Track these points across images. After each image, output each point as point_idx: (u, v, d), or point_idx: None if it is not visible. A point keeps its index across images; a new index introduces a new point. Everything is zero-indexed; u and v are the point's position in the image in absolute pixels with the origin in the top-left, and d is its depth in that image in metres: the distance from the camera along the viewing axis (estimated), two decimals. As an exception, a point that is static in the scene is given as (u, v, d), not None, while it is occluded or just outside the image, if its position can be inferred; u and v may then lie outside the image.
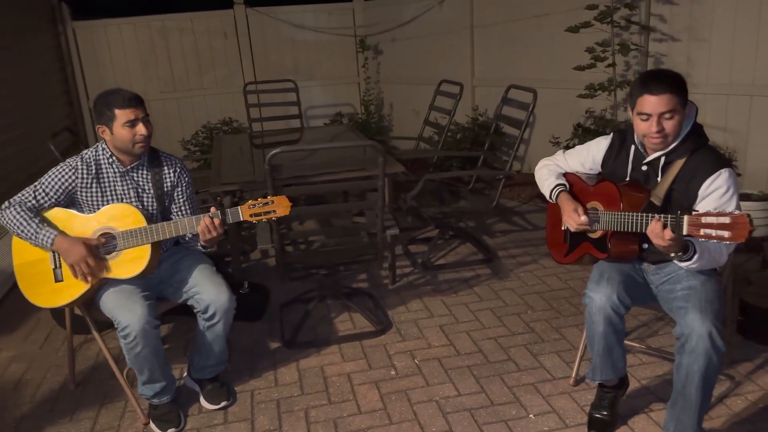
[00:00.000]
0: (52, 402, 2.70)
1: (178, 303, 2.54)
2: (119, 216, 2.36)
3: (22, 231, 2.30)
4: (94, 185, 2.41)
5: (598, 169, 2.33)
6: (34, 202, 2.35)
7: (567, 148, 2.90)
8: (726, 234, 1.69)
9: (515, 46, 5.63)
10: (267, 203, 2.32)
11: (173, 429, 2.44)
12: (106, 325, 2.84)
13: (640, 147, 2.16)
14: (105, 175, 2.42)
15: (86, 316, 2.50)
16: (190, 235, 2.48)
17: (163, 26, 6.83)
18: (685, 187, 2.04)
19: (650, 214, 1.91)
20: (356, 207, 4.03)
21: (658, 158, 2.10)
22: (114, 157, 2.42)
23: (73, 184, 2.39)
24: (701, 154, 2.05)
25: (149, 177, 2.48)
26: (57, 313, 3.24)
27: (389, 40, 7.02)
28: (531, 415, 2.42)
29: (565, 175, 2.40)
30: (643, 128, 2.03)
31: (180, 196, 2.55)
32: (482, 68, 6.07)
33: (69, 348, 2.76)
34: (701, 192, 2.01)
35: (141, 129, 2.34)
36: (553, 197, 2.35)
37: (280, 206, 2.32)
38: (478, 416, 2.43)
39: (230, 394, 2.63)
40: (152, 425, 2.47)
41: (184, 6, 6.96)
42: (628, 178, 2.20)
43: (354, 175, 3.41)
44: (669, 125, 2.00)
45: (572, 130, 4.85)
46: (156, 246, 2.37)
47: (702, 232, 1.74)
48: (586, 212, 2.19)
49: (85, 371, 2.92)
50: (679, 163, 2.06)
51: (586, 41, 4.42)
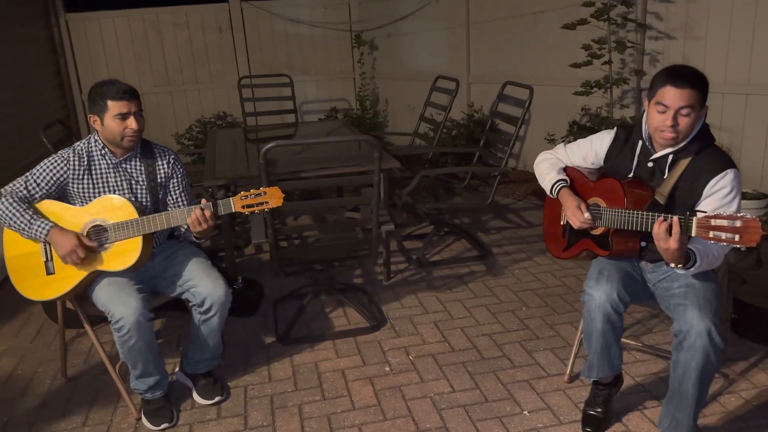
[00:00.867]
0: (43, 396, 2.68)
1: (173, 297, 2.52)
2: (111, 208, 2.34)
3: (15, 222, 2.27)
4: (86, 177, 2.38)
5: (600, 164, 2.31)
6: (25, 192, 2.32)
7: (564, 144, 2.90)
8: (736, 237, 1.67)
9: (511, 43, 5.62)
10: (259, 194, 2.30)
11: (166, 424, 2.42)
12: (99, 319, 2.83)
13: (647, 143, 2.13)
14: (97, 166, 2.40)
15: (78, 310, 2.47)
16: (185, 228, 2.45)
17: (157, 19, 6.79)
18: (690, 185, 2.03)
19: (655, 214, 1.89)
20: (351, 202, 4.01)
21: (666, 156, 2.08)
22: (106, 149, 2.39)
23: (65, 176, 2.36)
24: (708, 153, 2.04)
25: (142, 169, 2.45)
26: (49, 307, 3.21)
27: (385, 36, 7.00)
28: (525, 412, 2.42)
29: (566, 169, 2.37)
30: (658, 121, 2.00)
31: (176, 188, 2.52)
32: (478, 65, 6.06)
33: (61, 342, 2.73)
34: (706, 191, 2.00)
35: (132, 123, 2.32)
36: (554, 193, 2.32)
37: (273, 197, 2.30)
38: (473, 412, 2.43)
39: (224, 389, 2.61)
40: (144, 420, 2.45)
41: (178, -1, 6.92)
42: (631, 175, 2.18)
43: (349, 171, 3.40)
44: (684, 122, 1.97)
45: (568, 127, 4.85)
46: (148, 238, 2.35)
47: (711, 234, 1.72)
48: (588, 209, 2.18)
49: (77, 366, 2.90)
50: (685, 162, 2.05)
51: (583, 38, 4.41)
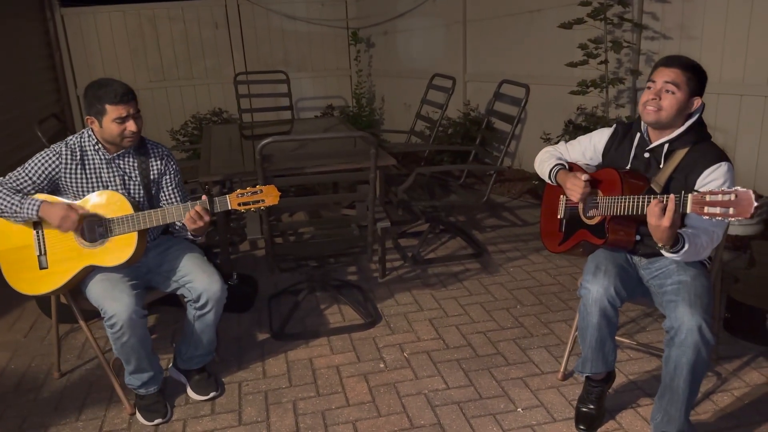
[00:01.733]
0: (36, 391, 2.67)
1: (167, 292, 2.52)
2: (106, 203, 2.33)
3: (6, 206, 2.26)
4: (78, 171, 2.37)
5: (598, 159, 2.35)
6: (15, 185, 2.31)
7: (558, 144, 2.92)
8: (731, 210, 1.69)
9: (508, 42, 5.63)
10: (256, 192, 2.30)
11: (160, 419, 2.41)
12: (93, 314, 2.81)
13: (645, 134, 2.19)
14: (90, 161, 2.38)
15: (72, 305, 2.46)
16: (180, 224, 2.45)
17: (153, 14, 6.77)
18: (685, 177, 2.07)
19: (650, 196, 1.92)
20: (348, 199, 4.01)
21: (661, 145, 2.13)
22: (100, 145, 2.38)
23: (57, 170, 2.35)
24: (703, 146, 2.09)
25: (135, 164, 2.44)
26: (42, 302, 3.20)
27: (381, 33, 6.99)
28: (519, 409, 2.42)
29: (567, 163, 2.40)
30: (645, 96, 2.09)
31: (168, 184, 2.52)
32: (474, 63, 6.06)
33: (55, 337, 2.72)
34: (699, 181, 2.04)
35: (131, 125, 2.31)
36: (553, 177, 2.36)
37: (269, 195, 2.30)
38: (467, 409, 2.43)
39: (218, 384, 2.61)
40: (138, 415, 2.44)
41: (174, -6, 6.90)
42: (628, 167, 2.21)
43: (345, 167, 3.39)
44: (667, 100, 2.04)
45: (563, 126, 4.85)
46: (143, 234, 2.34)
47: (706, 209, 1.74)
48: (585, 176, 2.19)
49: (71, 360, 2.89)
50: (681, 153, 2.09)
51: (579, 38, 4.42)
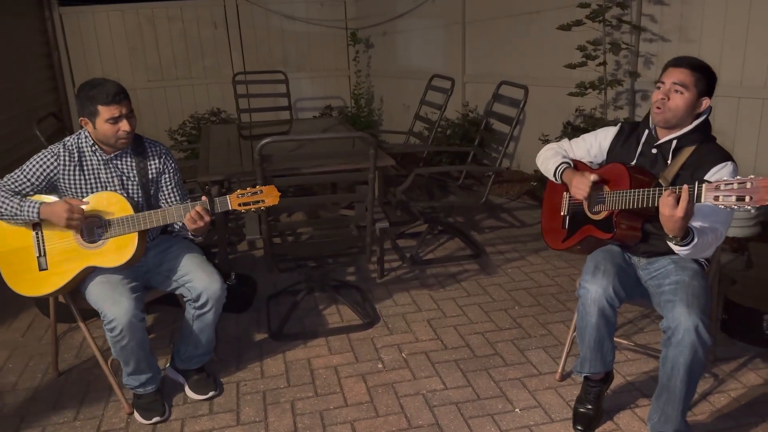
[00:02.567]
0: (34, 390, 2.67)
1: (167, 292, 2.52)
2: (106, 204, 2.33)
3: (6, 209, 2.26)
4: (77, 172, 2.37)
5: (603, 156, 2.37)
6: (14, 187, 2.31)
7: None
8: (748, 197, 1.68)
9: (506, 43, 5.64)
10: (256, 192, 2.30)
11: (158, 418, 2.41)
12: (91, 314, 2.81)
13: (653, 131, 2.20)
14: (88, 162, 2.38)
15: (71, 305, 2.46)
16: (180, 224, 2.45)
17: (151, 14, 6.76)
18: (691, 174, 2.09)
19: (661, 188, 1.93)
20: (347, 199, 4.02)
21: (670, 141, 2.15)
22: (96, 146, 2.38)
23: (55, 171, 2.34)
24: (709, 146, 2.12)
25: (133, 164, 2.44)
26: (40, 301, 3.20)
27: (380, 34, 7.00)
28: (517, 410, 2.43)
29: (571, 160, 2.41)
30: (654, 96, 2.12)
31: (168, 183, 2.51)
32: (473, 64, 6.07)
33: (53, 336, 2.72)
34: (706, 178, 2.05)
35: (124, 125, 2.30)
36: (558, 175, 2.36)
37: (269, 196, 2.31)
38: (465, 410, 2.44)
39: (217, 384, 2.61)
40: (136, 415, 2.44)
41: (173, -7, 6.90)
42: (634, 163, 2.23)
43: (344, 168, 3.40)
44: (675, 99, 2.07)
45: (562, 128, 4.86)
46: (143, 234, 2.35)
47: (721, 198, 1.73)
48: (592, 177, 2.19)
49: (69, 360, 2.89)
50: (688, 150, 2.12)
51: (578, 39, 4.43)
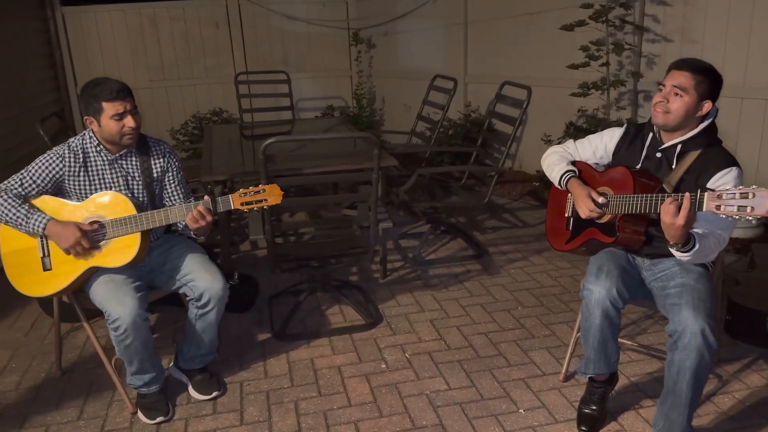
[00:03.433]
0: (37, 390, 2.67)
1: (170, 291, 2.52)
2: (109, 204, 2.32)
3: (11, 217, 2.25)
4: (81, 173, 2.36)
5: (609, 158, 2.35)
6: (20, 189, 2.30)
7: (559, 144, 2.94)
8: (749, 209, 1.68)
9: (509, 43, 5.64)
10: (258, 192, 2.30)
11: (161, 418, 2.41)
12: (95, 313, 2.81)
13: (657, 134, 2.19)
14: (93, 163, 2.38)
15: (75, 305, 2.46)
16: (183, 223, 2.44)
17: (153, 14, 6.76)
18: (695, 179, 2.08)
19: (664, 194, 1.92)
20: (350, 199, 4.02)
21: (674, 146, 2.14)
22: (101, 146, 2.37)
23: (61, 173, 2.34)
24: (715, 150, 2.10)
25: (138, 164, 2.44)
26: (43, 301, 3.20)
27: (382, 34, 7.00)
28: (521, 410, 2.43)
29: (574, 163, 2.40)
30: (654, 98, 2.11)
31: (171, 182, 2.51)
32: (475, 65, 6.07)
33: (56, 335, 2.72)
34: (710, 184, 2.04)
35: (129, 122, 2.30)
36: (563, 183, 2.35)
37: (272, 195, 2.30)
38: (469, 410, 2.43)
39: (220, 384, 2.61)
40: (140, 414, 2.44)
41: (175, -7, 6.90)
42: (639, 166, 2.22)
43: (348, 168, 3.40)
44: (674, 103, 2.05)
45: (564, 128, 4.86)
46: (146, 234, 2.34)
47: (722, 208, 1.74)
48: (599, 195, 2.19)
49: (72, 359, 2.89)
50: (693, 155, 2.10)
51: (580, 40, 4.43)
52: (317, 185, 4.92)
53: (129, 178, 2.43)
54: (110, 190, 2.38)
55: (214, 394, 2.55)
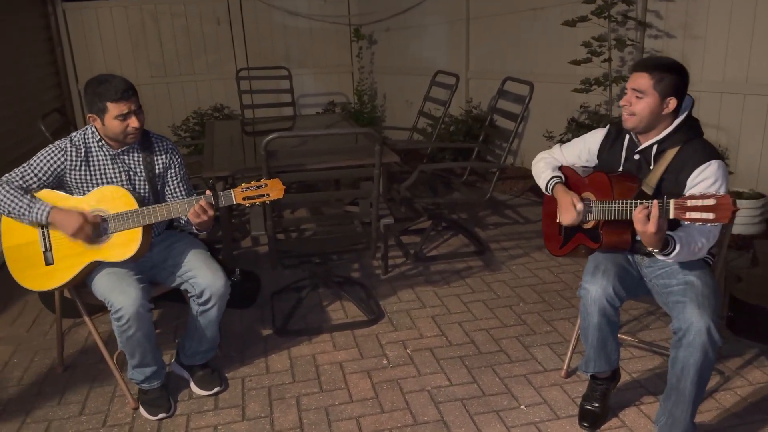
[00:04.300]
0: (39, 385, 2.67)
1: (171, 287, 2.52)
2: (110, 198, 2.32)
3: (14, 207, 2.25)
4: (83, 168, 2.36)
5: (594, 160, 2.34)
6: (21, 182, 2.30)
7: (561, 142, 2.91)
8: (711, 216, 1.70)
9: (511, 39, 5.62)
10: (260, 186, 2.30)
11: (163, 414, 2.41)
12: (96, 309, 2.82)
13: (633, 136, 2.18)
14: (95, 158, 2.38)
15: (76, 300, 2.46)
16: (185, 218, 2.44)
17: (155, 9, 6.74)
18: (675, 177, 2.06)
19: (636, 201, 1.91)
20: (352, 195, 4.02)
21: (650, 146, 2.12)
22: (103, 141, 2.37)
23: (62, 167, 2.34)
24: (693, 145, 2.07)
25: (140, 160, 2.43)
26: (45, 296, 3.20)
27: (383, 30, 6.98)
28: (522, 406, 2.43)
29: (561, 168, 2.41)
30: (621, 102, 2.11)
31: (174, 178, 2.51)
32: (477, 61, 6.05)
33: (58, 331, 2.72)
34: (689, 182, 2.02)
35: (133, 122, 2.29)
36: (549, 189, 2.36)
37: (274, 189, 2.30)
38: (470, 406, 2.43)
39: (222, 380, 2.61)
40: (142, 410, 2.44)
41: (176, -11, 6.87)
42: (620, 169, 2.21)
43: (349, 164, 3.39)
44: (637, 105, 2.05)
45: (566, 124, 4.85)
46: (147, 229, 2.34)
47: (688, 215, 1.75)
48: (581, 201, 2.19)
49: (74, 355, 2.89)
50: (671, 153, 2.08)
51: (582, 35, 4.42)
52: (319, 181, 4.92)
53: (131, 173, 2.42)
54: (112, 184, 2.38)
55: (216, 389, 2.55)
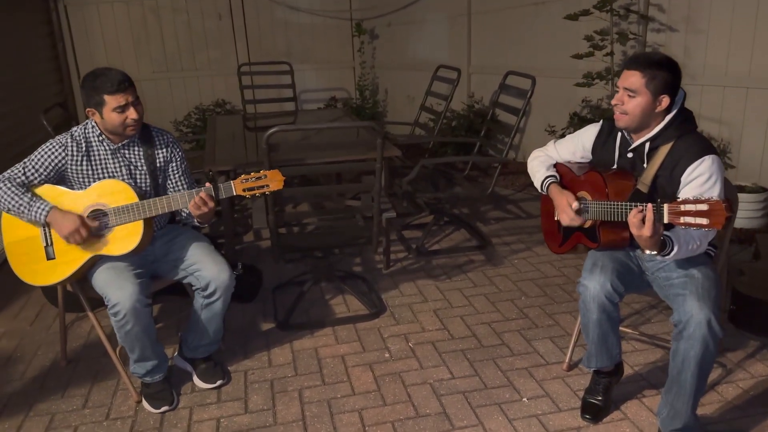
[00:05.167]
0: (42, 379, 2.68)
1: (174, 281, 2.52)
2: (110, 192, 2.32)
3: (14, 205, 2.26)
4: (84, 162, 2.36)
5: (589, 156, 2.33)
6: (23, 178, 2.30)
7: (562, 137, 2.91)
8: (704, 221, 1.68)
9: (513, 34, 5.61)
10: (260, 177, 2.30)
11: (166, 407, 2.42)
12: (99, 303, 2.82)
13: (626, 134, 2.17)
14: (96, 152, 2.38)
15: (79, 294, 2.47)
16: (186, 212, 2.44)
17: (156, 5, 6.74)
18: (670, 174, 2.04)
19: (631, 204, 1.89)
20: (353, 189, 4.01)
21: (643, 144, 2.10)
22: (103, 135, 2.37)
23: (63, 162, 2.34)
24: (687, 140, 2.04)
25: (141, 153, 2.43)
26: (48, 290, 3.21)
27: (385, 25, 6.97)
28: (524, 399, 2.43)
29: (556, 165, 2.39)
30: (613, 101, 2.09)
31: (175, 171, 2.51)
32: (479, 55, 6.04)
33: (61, 325, 2.73)
34: (683, 178, 2.00)
35: (132, 113, 2.29)
36: (544, 189, 2.35)
37: (273, 180, 2.30)
38: (472, 399, 2.44)
39: (224, 373, 2.62)
40: (145, 403, 2.45)
41: (178, -15, 6.86)
42: (615, 166, 2.20)
43: (351, 158, 3.39)
44: (629, 104, 2.03)
45: (568, 119, 4.85)
46: (149, 222, 2.34)
47: (682, 219, 1.73)
48: (577, 201, 2.18)
49: (77, 349, 2.90)
50: (665, 149, 2.05)
51: (585, 29, 4.41)
52: (320, 176, 4.93)
53: (132, 167, 2.43)
54: (113, 178, 2.38)
55: (219, 382, 2.56)
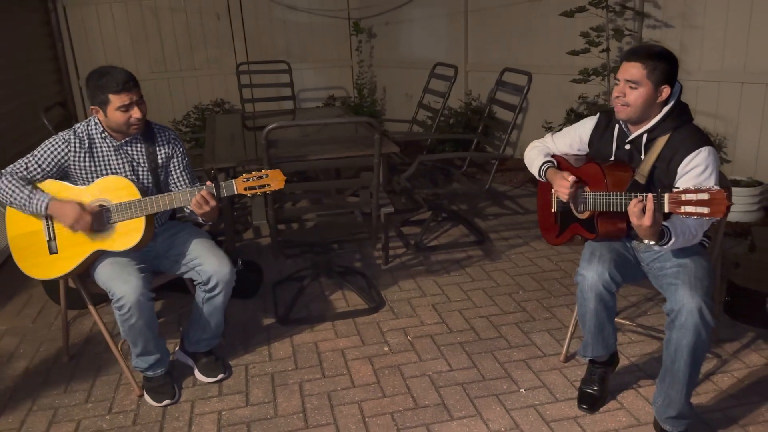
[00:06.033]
0: (45, 374, 2.71)
1: (176, 276, 2.55)
2: (112, 188, 2.35)
3: (15, 198, 2.29)
4: (87, 159, 2.39)
5: (585, 149, 2.36)
6: (25, 173, 2.33)
7: (559, 131, 2.94)
8: (705, 210, 1.71)
9: (509, 31, 5.64)
10: (261, 176, 2.32)
11: (168, 400, 2.45)
12: (101, 298, 2.85)
13: (623, 126, 2.19)
14: (98, 149, 2.40)
15: (81, 289, 2.49)
16: (189, 209, 2.46)
17: (154, 5, 6.75)
18: (667, 165, 2.07)
19: (631, 194, 1.93)
20: (352, 185, 4.04)
21: (640, 136, 2.13)
22: (106, 133, 2.40)
23: (66, 158, 2.37)
24: (683, 132, 2.07)
25: (143, 150, 2.46)
26: (50, 288, 3.23)
27: (383, 24, 6.99)
28: (522, 390, 2.46)
29: (554, 157, 2.42)
30: (613, 93, 2.11)
31: (177, 168, 2.54)
32: (476, 53, 6.07)
33: (63, 320, 2.76)
34: (680, 170, 2.03)
35: (136, 112, 2.32)
36: (542, 174, 2.38)
37: (275, 180, 2.33)
38: (470, 390, 2.47)
39: (226, 367, 2.65)
40: (147, 397, 2.48)
41: (176, -16, 6.88)
42: (612, 158, 2.23)
43: (349, 154, 3.41)
44: (631, 96, 2.05)
45: (565, 115, 4.88)
46: (150, 218, 2.37)
47: (682, 209, 1.76)
48: (572, 180, 2.20)
49: (79, 345, 2.93)
50: (662, 141, 2.08)
51: (581, 26, 4.43)
52: (319, 172, 4.95)
53: (134, 164, 2.45)
54: (115, 175, 2.41)
55: (220, 376, 2.59)
